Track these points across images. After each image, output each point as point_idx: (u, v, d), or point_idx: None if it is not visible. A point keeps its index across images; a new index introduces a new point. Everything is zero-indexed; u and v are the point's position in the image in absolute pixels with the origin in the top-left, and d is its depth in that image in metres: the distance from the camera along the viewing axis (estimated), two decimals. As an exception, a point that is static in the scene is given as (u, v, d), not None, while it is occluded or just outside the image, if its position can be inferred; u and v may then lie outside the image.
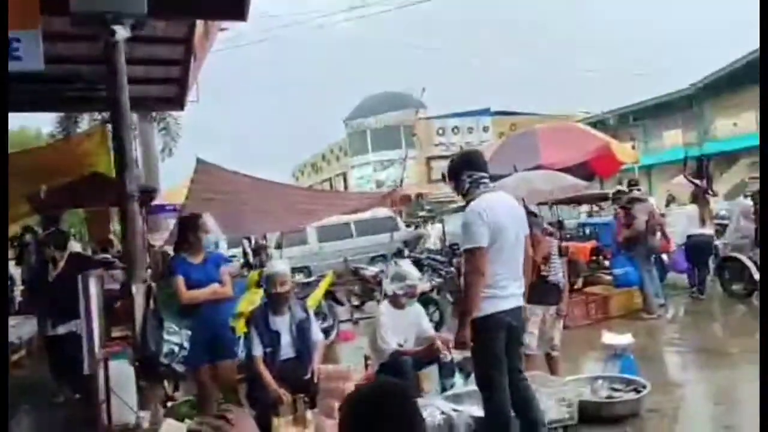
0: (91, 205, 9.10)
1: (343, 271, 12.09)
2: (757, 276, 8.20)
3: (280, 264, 4.33)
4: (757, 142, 21.01)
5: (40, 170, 7.42)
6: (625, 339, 5.56)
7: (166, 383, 4.92)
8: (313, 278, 8.48)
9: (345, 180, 39.15)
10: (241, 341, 4.58)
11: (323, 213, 8.31)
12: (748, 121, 23.45)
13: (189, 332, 4.03)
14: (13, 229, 9.53)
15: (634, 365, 5.44)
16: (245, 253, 15.31)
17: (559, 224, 13.82)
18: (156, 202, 9.60)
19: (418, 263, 12.20)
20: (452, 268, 10.97)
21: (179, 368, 3.97)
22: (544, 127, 11.11)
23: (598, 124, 22.84)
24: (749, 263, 8.35)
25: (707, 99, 25.56)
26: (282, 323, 4.23)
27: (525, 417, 3.73)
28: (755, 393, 5.12)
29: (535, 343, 5.25)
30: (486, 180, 3.69)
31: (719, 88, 24.52)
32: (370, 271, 11.54)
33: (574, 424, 4.49)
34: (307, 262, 15.86)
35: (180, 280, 4.21)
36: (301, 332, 4.25)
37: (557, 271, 5.25)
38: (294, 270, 14.63)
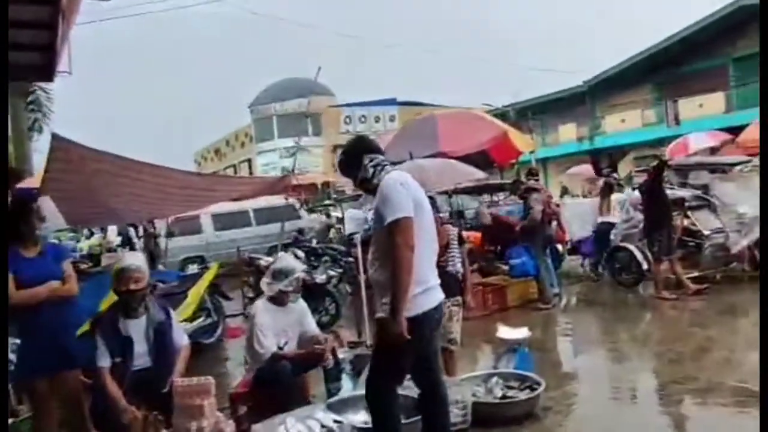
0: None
1: (237, 261, 11.36)
2: (644, 266, 8.40)
3: (131, 256, 3.66)
4: (642, 138, 22.60)
5: None
6: (520, 333, 5.36)
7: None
8: (193, 272, 7.74)
9: (250, 166, 38.27)
10: None
11: (206, 199, 7.55)
12: (634, 118, 24.89)
13: (17, 341, 3.29)
14: None
15: (530, 359, 5.26)
16: (130, 242, 14.20)
17: (459, 213, 13.90)
18: (25, 184, 8.50)
19: (314, 253, 11.80)
20: (351, 258, 10.61)
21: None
22: (443, 114, 10.91)
23: (499, 117, 23.41)
24: (637, 253, 8.53)
25: (598, 96, 26.99)
26: (135, 328, 3.58)
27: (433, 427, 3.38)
28: (646, 385, 5.18)
29: None
30: (387, 163, 3.32)
31: (609, 86, 25.89)
32: (266, 261, 10.93)
33: (466, 427, 4.21)
34: (203, 251, 14.98)
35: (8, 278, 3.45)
36: (160, 337, 3.62)
37: (456, 261, 4.94)
38: (188, 260, 14.02)
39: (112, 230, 16.24)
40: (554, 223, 8.24)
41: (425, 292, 3.11)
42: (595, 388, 5.06)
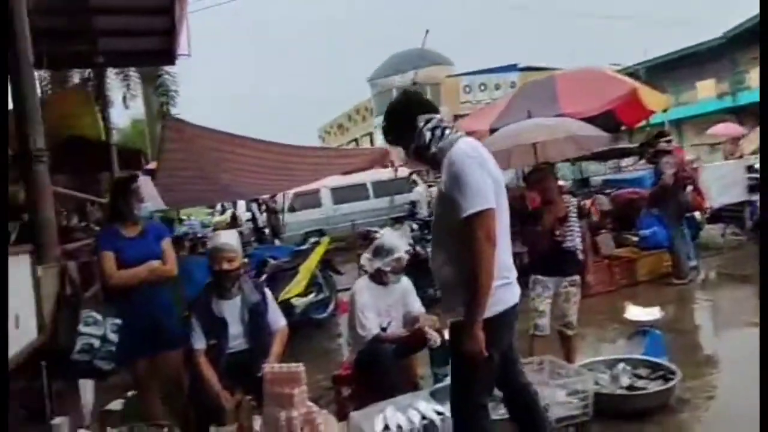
0: (70, 172, 8.47)
1: (352, 234, 11.38)
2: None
3: (225, 235, 3.57)
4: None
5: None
6: (652, 313, 4.78)
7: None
8: (305, 246, 7.75)
9: (371, 140, 38.53)
10: None
11: (317, 173, 7.51)
12: (785, 68, 21.91)
13: (118, 322, 3.33)
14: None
15: (662, 344, 4.67)
16: (254, 218, 14.76)
17: (584, 182, 12.98)
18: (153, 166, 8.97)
19: (429, 226, 11.51)
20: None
21: (104, 365, 3.27)
22: (563, 73, 10.02)
23: (629, 76, 21.64)
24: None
25: (740, 48, 24.15)
26: (230, 309, 3.51)
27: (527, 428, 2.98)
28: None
29: (548, 324, 4.50)
30: (447, 126, 2.73)
31: (753, 37, 22.90)
32: (381, 234, 10.83)
33: (587, 420, 3.77)
34: (323, 225, 15.27)
35: (108, 257, 3.49)
36: (255, 319, 3.52)
37: (574, 236, 4.45)
38: (309, 234, 14.35)
39: (242, 206, 16.99)
40: (689, 188, 7.30)
41: (504, 287, 2.61)
42: (740, 378, 4.36)
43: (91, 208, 8.94)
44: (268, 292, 3.72)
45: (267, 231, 14.51)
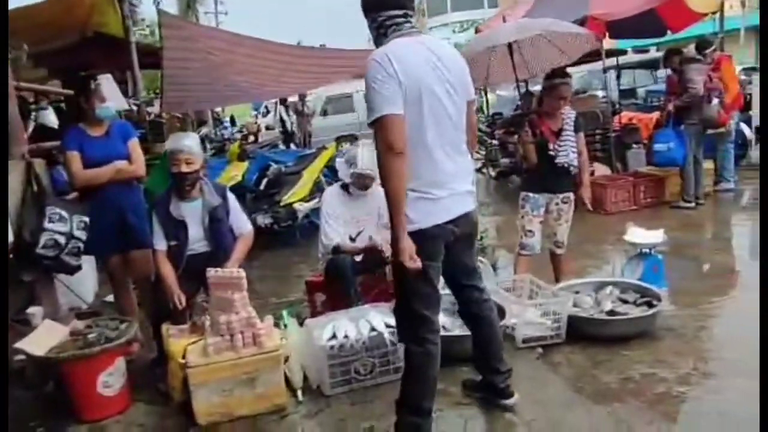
0: (93, 68, 8.41)
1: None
2: None
3: (185, 137, 3.43)
4: None
5: (40, 30, 6.69)
6: (654, 236, 4.47)
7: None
8: (310, 150, 7.61)
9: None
10: None
11: (336, 74, 7.22)
12: None
13: (85, 219, 3.33)
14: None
15: (661, 270, 4.41)
16: (282, 121, 14.67)
17: (631, 92, 12.16)
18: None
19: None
20: (495, 141, 9.88)
21: (72, 261, 3.32)
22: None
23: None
24: None
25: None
26: (190, 211, 3.44)
27: (484, 351, 2.89)
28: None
29: (537, 244, 4.29)
30: (404, 20, 2.46)
31: None
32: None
33: (560, 342, 3.64)
34: (355, 130, 15.09)
35: (73, 157, 3.45)
36: (216, 222, 3.46)
37: (569, 151, 4.13)
38: (341, 139, 14.22)
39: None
40: (716, 101, 6.60)
41: (428, 201, 2.44)
42: (742, 311, 4.09)
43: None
44: (230, 196, 3.63)
45: (298, 135, 14.42)
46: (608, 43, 9.03)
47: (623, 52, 11.21)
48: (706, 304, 4.20)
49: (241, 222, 3.62)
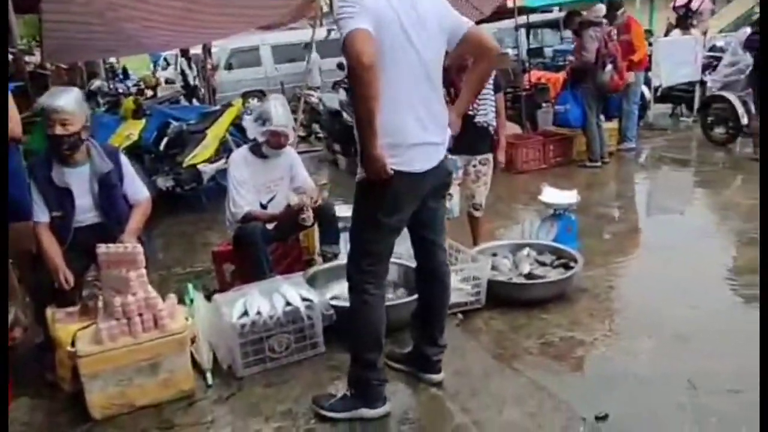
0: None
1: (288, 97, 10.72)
2: (744, 120, 7.01)
3: (58, 96, 2.97)
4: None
5: None
6: (568, 197, 4.51)
7: None
8: (215, 107, 7.13)
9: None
10: None
11: (237, 24, 6.68)
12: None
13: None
14: None
15: (575, 229, 4.47)
16: (183, 73, 13.74)
17: (538, 51, 12.31)
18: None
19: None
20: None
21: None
22: None
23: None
24: (737, 104, 7.09)
25: None
26: (75, 178, 3.01)
27: (428, 318, 2.78)
28: (712, 268, 4.27)
29: (457, 208, 4.19)
30: None
31: None
32: (317, 98, 10.23)
33: (480, 307, 3.60)
34: (263, 86, 14.45)
35: None
36: (107, 190, 3.06)
37: (488, 110, 4.02)
38: (248, 94, 13.56)
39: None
40: (609, 67, 6.77)
41: (401, 149, 2.32)
42: (648, 269, 4.23)
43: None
44: (124, 160, 3.23)
45: (202, 90, 13.59)
46: (519, 0, 9.04)
47: (534, 11, 11.28)
48: (614, 264, 4.30)
49: (136, 188, 3.24)
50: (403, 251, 3.95)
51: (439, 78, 2.45)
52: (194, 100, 12.68)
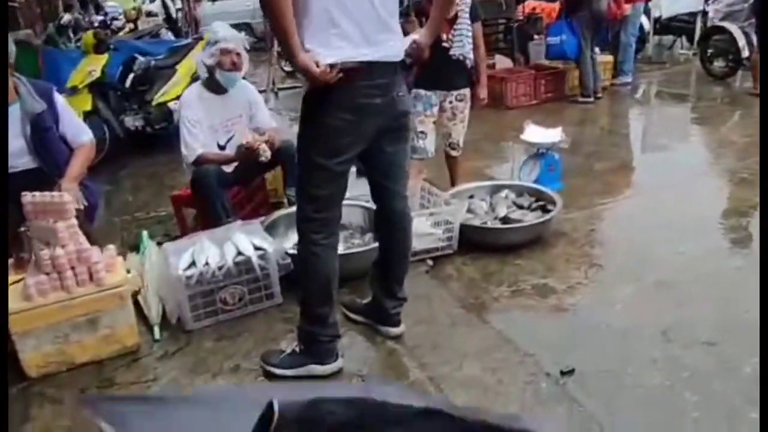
0: None
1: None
2: (745, 52, 6.65)
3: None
4: None
5: None
6: (552, 135, 4.27)
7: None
8: (185, 41, 6.73)
9: None
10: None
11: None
12: None
13: None
14: None
15: (558, 168, 4.25)
16: (165, 5, 13.13)
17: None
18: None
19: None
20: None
21: None
22: None
23: None
24: (739, 35, 6.70)
25: None
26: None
27: (388, 269, 2.57)
28: (701, 208, 4.05)
29: (430, 147, 3.94)
30: None
31: None
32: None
33: (452, 252, 3.42)
34: (249, 18, 13.84)
35: None
36: (40, 133, 2.80)
37: (464, 42, 3.71)
38: (235, 27, 13.00)
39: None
40: None
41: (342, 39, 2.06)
42: (634, 211, 4.02)
43: None
44: (59, 98, 2.95)
45: (184, 23, 13.01)
46: None
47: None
48: (599, 205, 4.10)
49: (76, 130, 2.98)
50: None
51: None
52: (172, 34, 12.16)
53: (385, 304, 2.59)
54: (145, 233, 3.32)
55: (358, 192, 3.91)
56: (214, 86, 3.38)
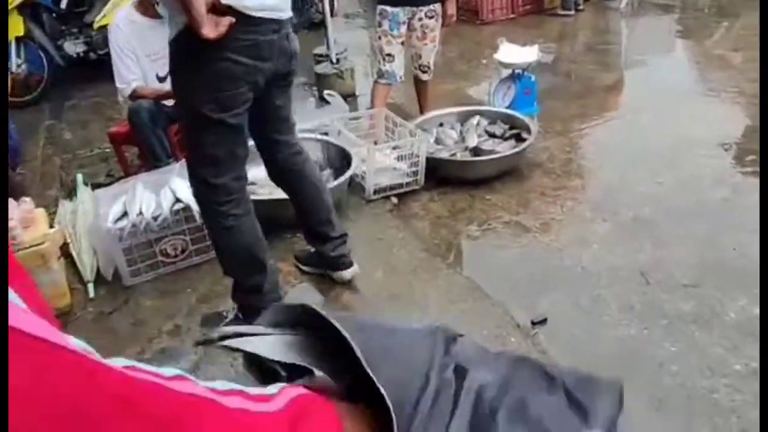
0: None
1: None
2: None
3: None
4: None
5: None
6: (527, 54, 3.91)
7: None
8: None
9: None
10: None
11: None
12: None
13: None
14: None
15: (534, 91, 3.94)
16: None
17: None
18: None
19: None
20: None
21: None
22: None
23: None
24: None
25: None
26: None
27: (305, 215, 2.29)
28: (688, 133, 3.77)
29: (398, 71, 3.58)
30: None
31: None
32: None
33: (418, 188, 3.16)
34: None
35: None
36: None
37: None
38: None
39: None
40: None
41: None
42: (613, 137, 3.77)
43: None
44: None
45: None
46: None
47: None
48: (576, 131, 3.84)
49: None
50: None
51: None
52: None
53: (324, 250, 2.33)
54: (79, 177, 3.01)
55: (318, 122, 3.63)
56: (151, 9, 2.95)
